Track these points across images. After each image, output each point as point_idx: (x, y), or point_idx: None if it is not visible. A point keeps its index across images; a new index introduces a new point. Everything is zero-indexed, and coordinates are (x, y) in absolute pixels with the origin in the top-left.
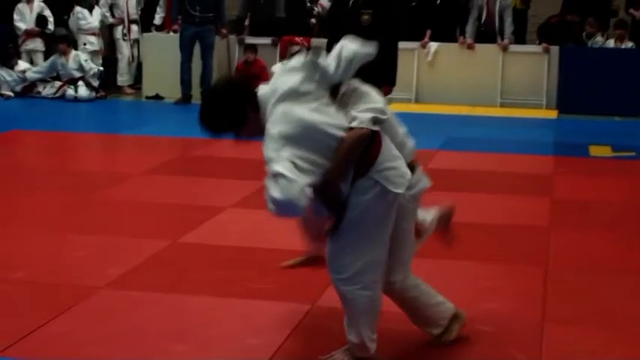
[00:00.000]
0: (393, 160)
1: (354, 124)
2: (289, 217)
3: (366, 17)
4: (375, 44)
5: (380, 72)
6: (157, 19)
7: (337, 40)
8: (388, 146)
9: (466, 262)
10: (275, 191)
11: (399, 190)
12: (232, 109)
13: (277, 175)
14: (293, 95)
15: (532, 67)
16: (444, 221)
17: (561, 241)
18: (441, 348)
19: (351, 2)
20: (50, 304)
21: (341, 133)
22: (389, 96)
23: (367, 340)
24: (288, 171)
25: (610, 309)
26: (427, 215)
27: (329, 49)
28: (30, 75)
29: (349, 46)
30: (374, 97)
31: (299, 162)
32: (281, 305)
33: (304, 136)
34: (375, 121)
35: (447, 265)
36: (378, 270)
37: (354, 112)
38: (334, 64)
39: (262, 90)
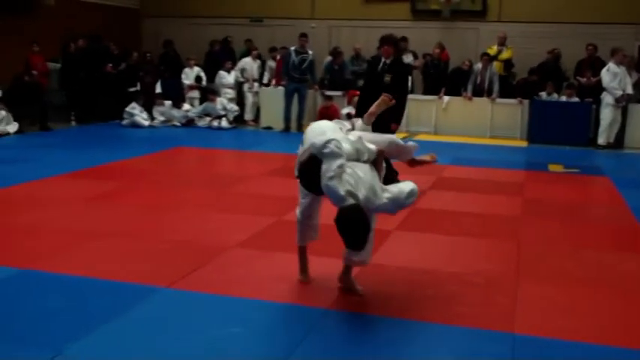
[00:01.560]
0: None
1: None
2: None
3: (387, 79)
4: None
5: (392, 115)
6: (265, 79)
7: (369, 92)
8: None
9: (462, 237)
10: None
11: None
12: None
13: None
14: None
15: (511, 112)
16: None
17: (529, 225)
18: (446, 294)
19: (379, 68)
20: (199, 257)
21: None
22: (415, 128)
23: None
24: None
25: (564, 269)
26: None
27: (362, 97)
28: (191, 114)
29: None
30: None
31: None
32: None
33: None
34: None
35: (447, 239)
36: None
37: None
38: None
39: None
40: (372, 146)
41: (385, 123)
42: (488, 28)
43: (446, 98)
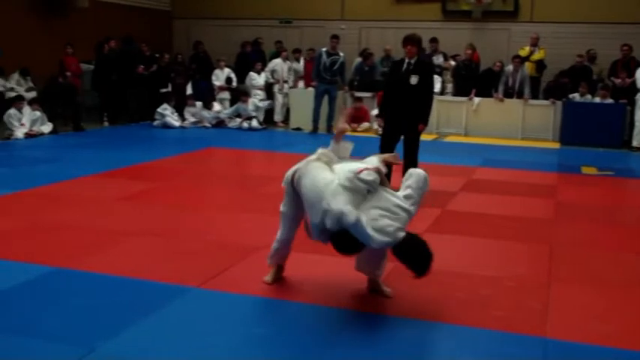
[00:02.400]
0: None
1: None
2: None
3: (414, 80)
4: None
5: (420, 115)
6: (290, 81)
7: (393, 93)
8: None
9: (493, 240)
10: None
11: None
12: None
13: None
14: None
15: (543, 113)
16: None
17: (562, 228)
18: (477, 297)
19: (403, 69)
20: (229, 257)
21: None
22: (445, 130)
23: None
24: None
25: (597, 273)
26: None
27: (386, 98)
28: (223, 115)
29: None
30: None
31: None
32: None
33: None
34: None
35: (478, 242)
36: None
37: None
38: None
39: None
40: (371, 175)
41: (413, 124)
42: (520, 28)
43: (476, 99)
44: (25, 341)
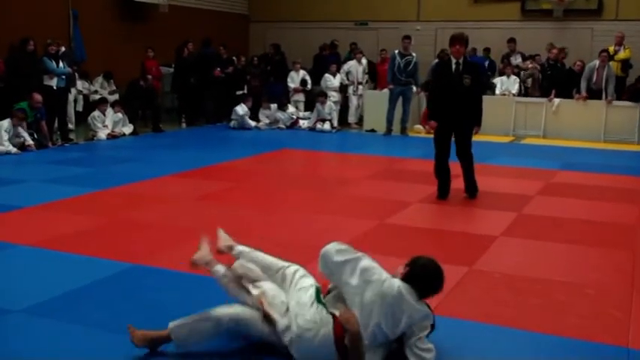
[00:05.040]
0: None
1: None
2: None
3: (467, 81)
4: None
5: (474, 117)
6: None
7: (443, 94)
8: None
9: (572, 245)
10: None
11: None
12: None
13: None
14: None
15: (627, 115)
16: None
17: None
18: (554, 303)
19: (454, 70)
20: (301, 257)
21: None
22: (523, 132)
23: None
24: None
25: None
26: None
27: (434, 100)
28: (308, 122)
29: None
30: None
31: None
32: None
33: None
34: None
35: (555, 247)
36: None
37: None
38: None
39: None
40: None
41: (466, 126)
42: (604, 27)
43: (556, 100)
44: (102, 335)
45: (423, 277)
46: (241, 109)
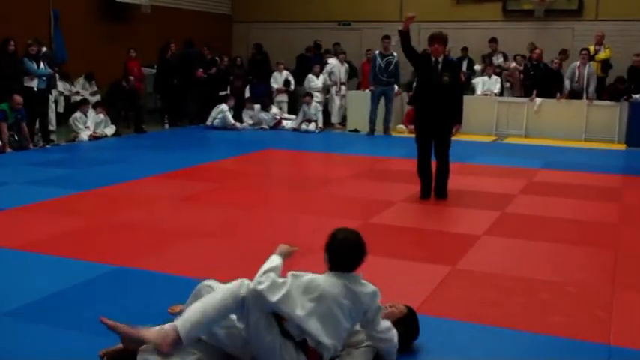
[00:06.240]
0: None
1: None
2: None
3: (446, 78)
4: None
5: (453, 117)
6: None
7: (426, 91)
8: None
9: (554, 244)
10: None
11: None
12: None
13: None
14: None
15: (607, 114)
16: None
17: (627, 233)
18: (537, 301)
19: (433, 65)
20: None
21: None
22: (505, 131)
23: None
24: None
25: None
26: None
27: (419, 95)
28: (292, 123)
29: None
30: None
31: None
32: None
33: None
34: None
35: (537, 245)
36: None
37: None
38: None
39: None
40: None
41: (447, 125)
42: (584, 27)
43: (538, 100)
44: (87, 337)
45: (347, 251)
46: (226, 106)
